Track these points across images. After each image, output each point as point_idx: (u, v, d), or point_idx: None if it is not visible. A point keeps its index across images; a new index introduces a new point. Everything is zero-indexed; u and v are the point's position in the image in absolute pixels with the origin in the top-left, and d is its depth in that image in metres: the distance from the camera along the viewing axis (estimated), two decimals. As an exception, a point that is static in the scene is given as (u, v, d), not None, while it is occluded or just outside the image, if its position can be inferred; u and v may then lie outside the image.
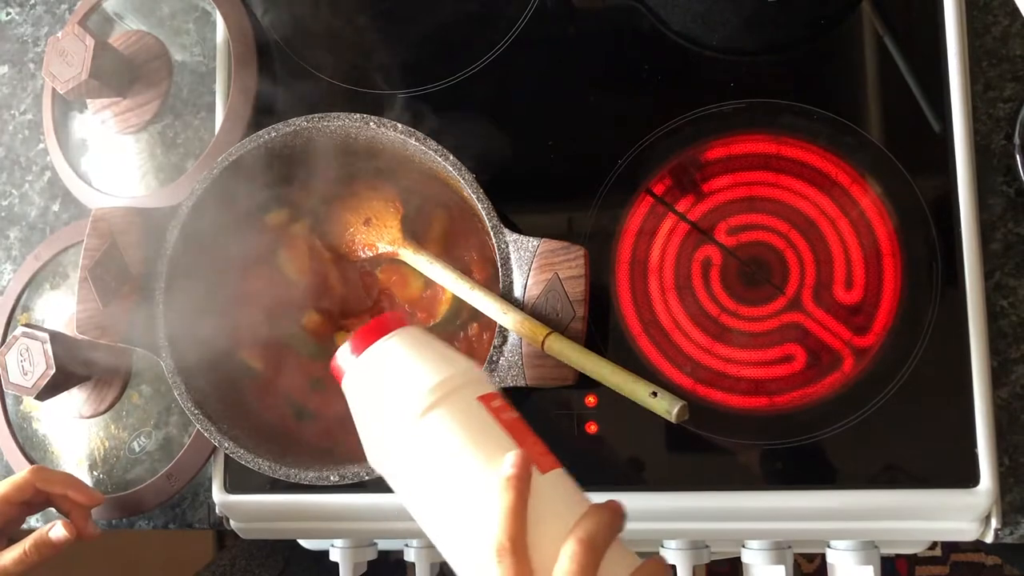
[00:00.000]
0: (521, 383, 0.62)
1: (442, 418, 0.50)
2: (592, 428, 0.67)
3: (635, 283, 0.68)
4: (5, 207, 0.87)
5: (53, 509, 0.69)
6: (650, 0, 0.73)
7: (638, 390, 0.58)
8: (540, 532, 0.47)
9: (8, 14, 0.91)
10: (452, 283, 0.66)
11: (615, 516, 0.48)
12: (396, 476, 0.52)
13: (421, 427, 0.50)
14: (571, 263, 0.62)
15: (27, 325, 0.73)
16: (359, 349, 0.53)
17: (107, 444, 0.77)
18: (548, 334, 0.60)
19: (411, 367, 0.52)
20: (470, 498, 0.49)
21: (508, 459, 0.48)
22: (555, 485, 0.50)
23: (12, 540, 0.67)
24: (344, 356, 0.53)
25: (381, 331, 0.53)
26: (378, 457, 0.52)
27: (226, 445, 0.66)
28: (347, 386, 0.54)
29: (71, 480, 0.68)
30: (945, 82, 0.66)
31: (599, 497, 0.66)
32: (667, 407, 0.56)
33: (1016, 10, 0.62)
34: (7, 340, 0.73)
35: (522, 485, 0.47)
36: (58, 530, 0.66)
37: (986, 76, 0.68)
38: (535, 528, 0.47)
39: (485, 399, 0.51)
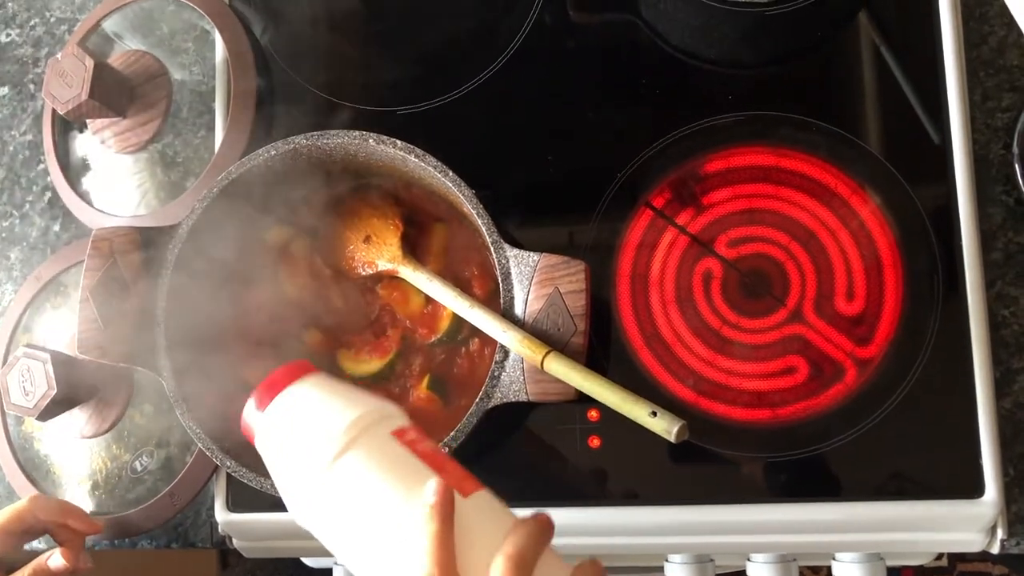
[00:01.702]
0: (523, 398, 0.62)
1: (356, 459, 0.49)
2: (595, 442, 0.67)
3: (636, 296, 0.68)
4: (6, 228, 0.87)
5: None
6: (647, 14, 0.74)
7: (637, 410, 0.57)
8: (469, 556, 0.47)
9: (8, 35, 0.91)
10: (452, 301, 0.66)
11: (542, 528, 0.48)
12: (319, 525, 0.51)
13: (336, 472, 0.49)
14: (572, 277, 0.62)
15: (28, 346, 0.73)
16: (263, 403, 0.52)
17: (109, 464, 0.77)
18: (547, 353, 0.60)
19: (318, 413, 0.51)
20: (395, 534, 0.48)
21: (428, 488, 0.47)
22: (479, 507, 0.49)
23: (10, 568, 0.66)
24: (251, 413, 0.52)
25: (284, 382, 0.52)
26: (299, 509, 0.51)
27: (228, 464, 0.66)
28: (259, 443, 0.52)
29: (69, 508, 0.67)
30: (943, 93, 0.67)
31: (600, 512, 0.66)
32: (666, 427, 0.56)
33: (1013, 20, 0.62)
34: (8, 360, 0.73)
35: (445, 511, 0.47)
36: (56, 559, 0.65)
37: (984, 86, 0.68)
38: (464, 553, 0.47)
39: (399, 433, 0.51)
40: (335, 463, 0.49)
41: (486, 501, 0.50)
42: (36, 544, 0.79)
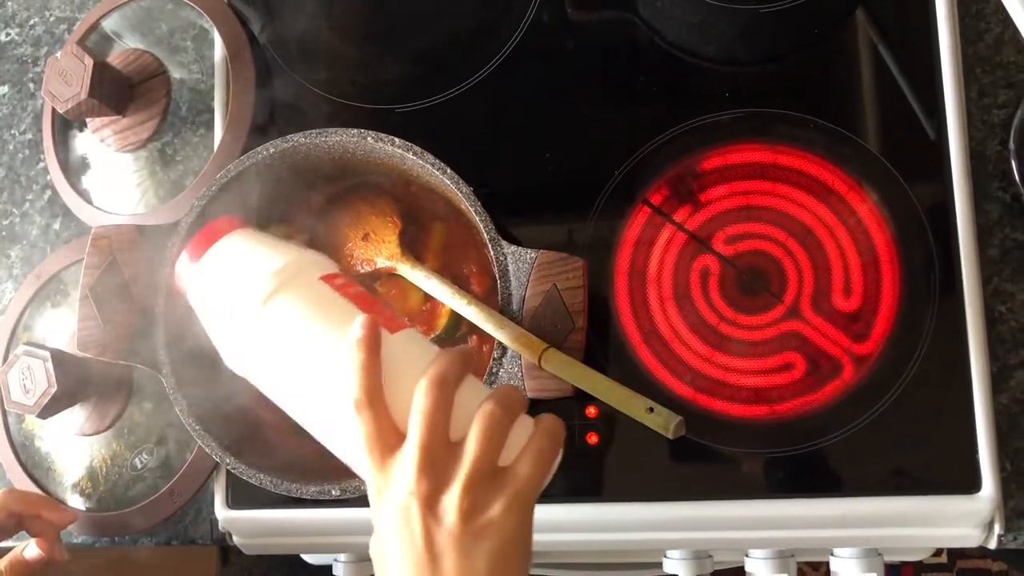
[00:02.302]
0: (521, 395, 0.62)
1: (287, 301, 0.52)
2: (593, 439, 0.67)
3: (634, 293, 0.69)
4: (6, 226, 0.87)
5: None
6: (645, 12, 0.74)
7: (634, 406, 0.58)
8: (397, 386, 0.49)
9: (8, 34, 0.92)
10: (449, 298, 0.66)
11: (461, 354, 0.50)
12: (253, 368, 0.53)
13: (267, 313, 0.51)
14: (569, 274, 0.62)
15: (28, 343, 0.73)
16: (197, 254, 0.54)
17: (109, 461, 0.77)
18: (545, 350, 0.60)
19: (250, 260, 0.54)
20: (326, 370, 0.50)
21: (355, 323, 0.50)
22: (406, 342, 0.52)
23: None
24: (184, 266, 0.55)
25: (216, 234, 0.55)
26: (233, 355, 0.53)
27: (227, 461, 0.66)
28: (192, 295, 0.55)
29: (43, 500, 0.68)
30: (939, 89, 0.67)
31: (598, 508, 0.66)
32: (663, 423, 0.56)
33: (1008, 16, 0.62)
34: (9, 359, 0.73)
35: (371, 344, 0.49)
36: (32, 549, 0.66)
37: (980, 83, 0.68)
38: (392, 384, 0.49)
39: (328, 278, 0.53)
40: (265, 305, 0.51)
41: (412, 337, 0.53)
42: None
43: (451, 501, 0.47)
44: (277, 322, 0.52)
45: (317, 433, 0.53)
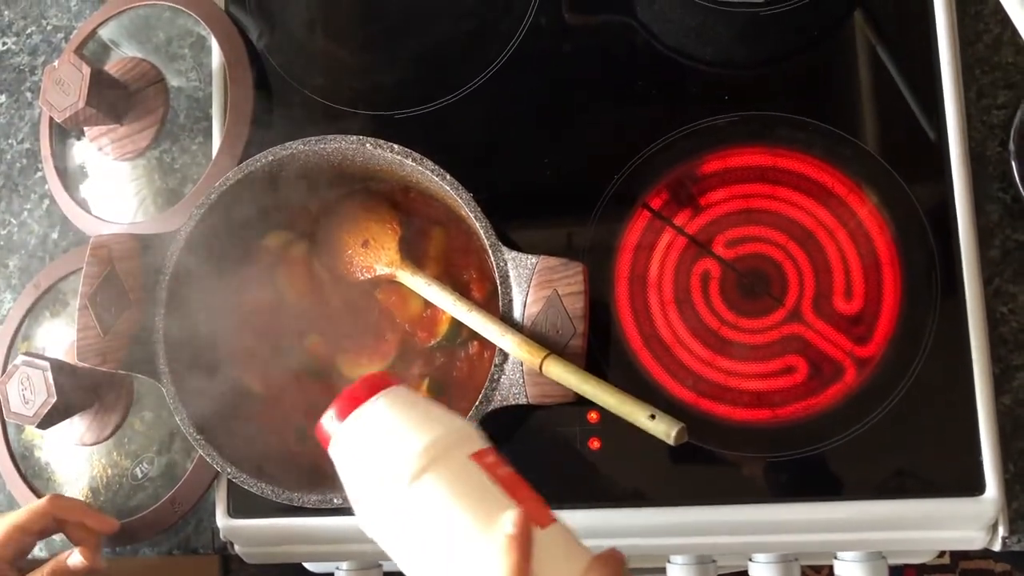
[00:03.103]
0: (523, 400, 0.62)
1: (434, 481, 0.48)
2: (595, 444, 0.67)
3: (635, 298, 0.68)
4: (4, 236, 0.87)
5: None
6: (643, 16, 0.74)
7: (636, 413, 0.57)
8: None
9: (4, 43, 0.92)
10: (450, 305, 0.66)
11: (619, 567, 0.48)
12: (390, 540, 0.50)
13: (413, 492, 0.48)
14: (570, 280, 0.62)
15: (27, 354, 0.73)
16: (343, 413, 0.51)
17: (110, 471, 0.77)
18: (546, 356, 0.60)
19: (398, 429, 0.50)
20: (470, 561, 0.47)
21: (507, 518, 0.47)
22: (555, 539, 0.49)
23: (21, 569, 0.66)
24: (329, 421, 0.52)
25: (365, 394, 0.52)
26: (370, 522, 0.51)
27: (228, 470, 0.66)
28: (334, 451, 0.52)
29: (86, 508, 0.68)
30: (938, 90, 0.67)
31: (601, 514, 0.66)
32: (665, 430, 0.56)
33: (1007, 17, 0.62)
34: (8, 369, 0.73)
35: (524, 544, 0.46)
36: (76, 557, 0.66)
37: (979, 83, 0.68)
38: None
39: (478, 456, 0.50)
40: (411, 484, 0.48)
41: (561, 533, 0.50)
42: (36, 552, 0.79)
43: None
44: (423, 502, 0.49)
45: None
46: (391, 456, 0.50)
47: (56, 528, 0.67)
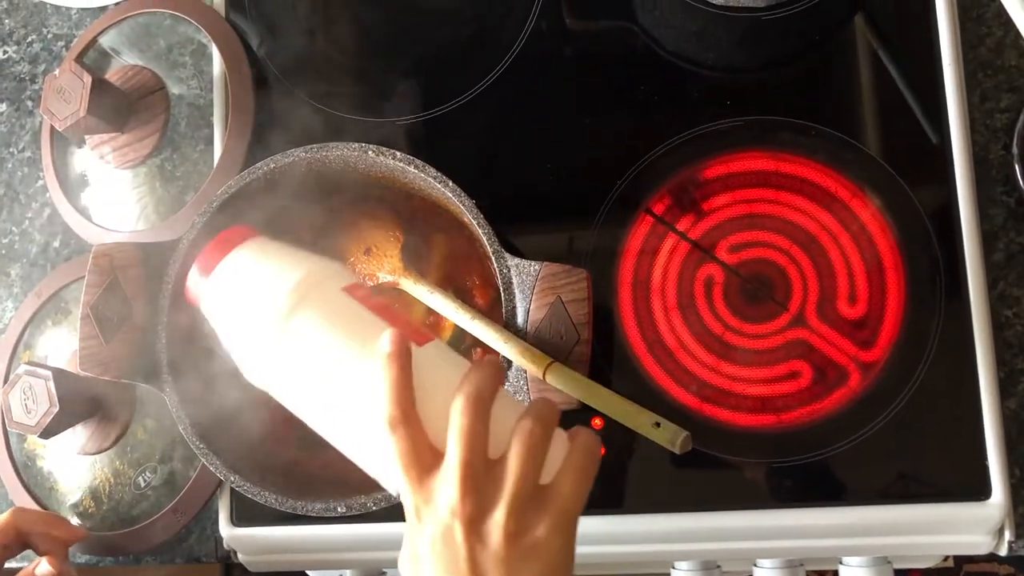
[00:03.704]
0: (527, 408, 0.62)
1: (309, 316, 0.50)
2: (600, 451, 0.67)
3: (638, 303, 0.68)
4: (5, 244, 0.87)
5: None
6: (644, 20, 0.74)
7: (640, 420, 0.57)
8: (428, 401, 0.48)
9: (5, 52, 0.91)
10: (453, 313, 0.66)
11: (495, 368, 0.49)
12: (276, 384, 0.51)
13: (290, 328, 0.50)
14: (573, 286, 0.62)
15: (30, 363, 0.73)
16: (208, 269, 0.52)
17: (112, 480, 0.77)
18: (549, 365, 0.60)
19: (266, 273, 0.52)
20: (354, 386, 0.49)
21: (384, 338, 0.48)
22: (434, 355, 0.50)
23: None
24: (195, 280, 0.53)
25: (228, 245, 0.53)
26: (253, 370, 0.52)
27: (232, 479, 0.66)
28: (206, 309, 0.53)
29: (51, 518, 0.68)
30: (941, 94, 0.67)
31: (606, 520, 0.66)
32: (670, 438, 0.56)
33: (1010, 20, 0.62)
34: (10, 378, 0.73)
35: (402, 359, 0.48)
36: (43, 567, 0.66)
37: (982, 87, 0.68)
38: (423, 400, 0.48)
39: (350, 289, 0.51)
40: (288, 322, 0.50)
41: (440, 350, 0.51)
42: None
43: (496, 523, 0.46)
44: (300, 338, 0.50)
45: (345, 449, 0.52)
46: (261, 299, 0.51)
47: (21, 542, 0.67)
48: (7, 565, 0.68)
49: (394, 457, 0.48)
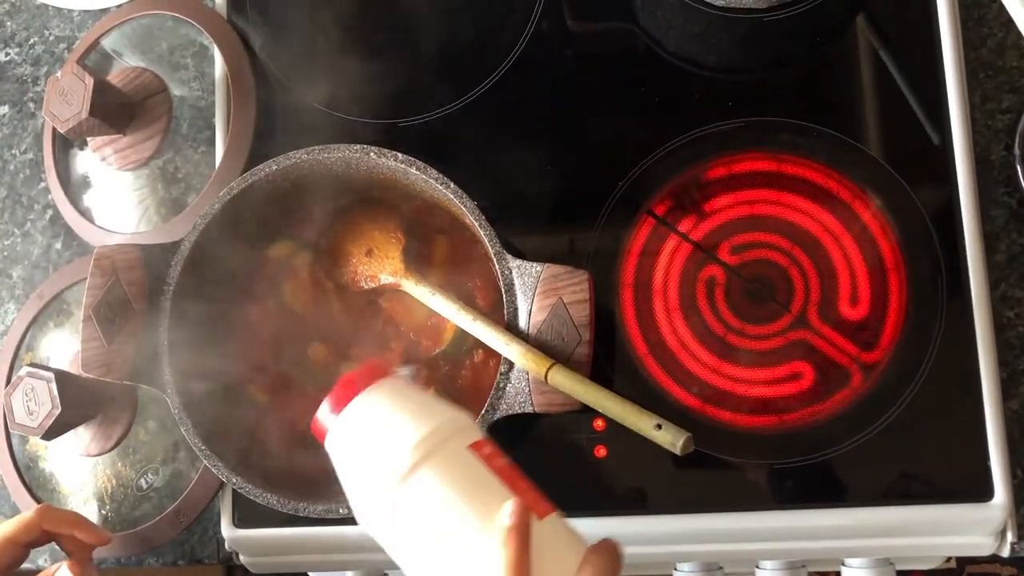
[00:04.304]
0: (529, 409, 0.62)
1: (431, 474, 0.48)
2: (601, 452, 0.67)
3: (640, 305, 0.68)
4: (8, 246, 0.87)
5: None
6: (646, 22, 0.74)
7: (642, 422, 0.57)
8: None
9: (7, 54, 0.92)
10: (454, 314, 0.66)
11: (614, 557, 0.48)
12: (388, 535, 0.50)
13: (410, 486, 0.48)
14: (575, 287, 0.62)
15: (32, 365, 0.73)
16: (338, 406, 0.51)
17: (114, 481, 0.77)
18: (551, 366, 0.60)
19: (393, 422, 0.50)
20: (469, 554, 0.47)
21: (506, 509, 0.47)
22: (553, 531, 0.49)
23: None
24: (324, 415, 0.51)
25: (359, 385, 0.51)
26: (367, 517, 0.50)
27: (234, 480, 0.66)
28: (330, 446, 0.51)
29: (78, 519, 0.67)
30: (943, 95, 0.67)
31: (607, 522, 0.66)
32: (672, 440, 0.56)
33: (1011, 21, 0.62)
34: (12, 380, 0.73)
35: (523, 535, 0.46)
36: (64, 572, 0.65)
37: (983, 88, 0.68)
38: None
39: (475, 447, 0.50)
40: (409, 477, 0.48)
41: (559, 524, 0.49)
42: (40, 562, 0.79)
43: None
44: (419, 497, 0.48)
45: None
46: (386, 449, 0.49)
47: (47, 539, 0.67)
48: (24, 565, 0.68)
49: None
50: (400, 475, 0.48)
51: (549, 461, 0.68)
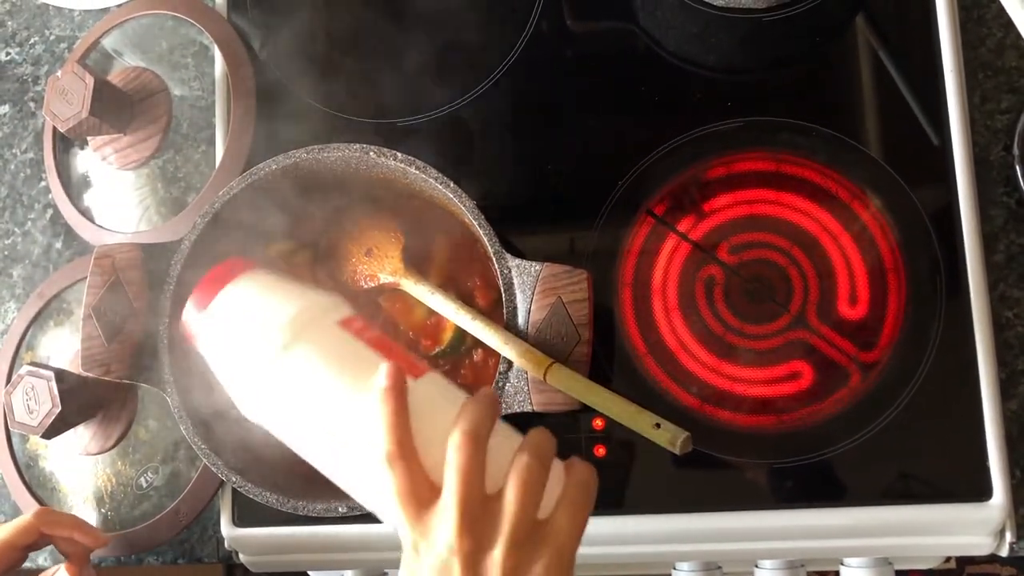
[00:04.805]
0: (528, 408, 0.62)
1: (304, 351, 0.50)
2: (600, 451, 0.67)
3: (639, 304, 0.68)
4: (8, 246, 0.87)
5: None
6: (645, 22, 0.74)
7: (641, 421, 0.57)
8: (425, 434, 0.48)
9: (8, 54, 0.92)
10: (453, 314, 0.66)
11: (491, 402, 0.50)
12: (272, 419, 0.51)
13: (286, 363, 0.49)
14: (574, 287, 0.62)
15: (32, 363, 0.73)
16: (203, 302, 0.52)
17: (114, 480, 0.77)
18: (550, 365, 0.60)
19: (262, 307, 0.51)
20: (351, 420, 0.49)
21: (380, 372, 0.48)
22: (431, 388, 0.50)
23: None
24: (191, 314, 0.52)
25: (224, 279, 0.52)
26: (249, 405, 0.51)
27: (233, 479, 0.66)
28: (201, 344, 0.52)
29: (76, 522, 0.67)
30: (942, 95, 0.67)
31: (606, 521, 0.66)
32: (670, 439, 0.56)
33: (1010, 21, 0.62)
34: (12, 379, 0.73)
35: (398, 393, 0.48)
36: (62, 574, 0.65)
37: (982, 88, 0.68)
38: (420, 432, 0.48)
39: (345, 323, 0.51)
40: (283, 357, 0.49)
41: (436, 382, 0.51)
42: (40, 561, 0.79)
43: (495, 560, 0.46)
44: (296, 373, 0.50)
45: (342, 483, 0.52)
46: (258, 334, 0.50)
47: (45, 542, 0.67)
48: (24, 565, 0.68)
49: (391, 492, 0.47)
50: (275, 354, 0.50)
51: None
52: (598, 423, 0.67)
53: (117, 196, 0.82)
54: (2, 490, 0.81)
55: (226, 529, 0.73)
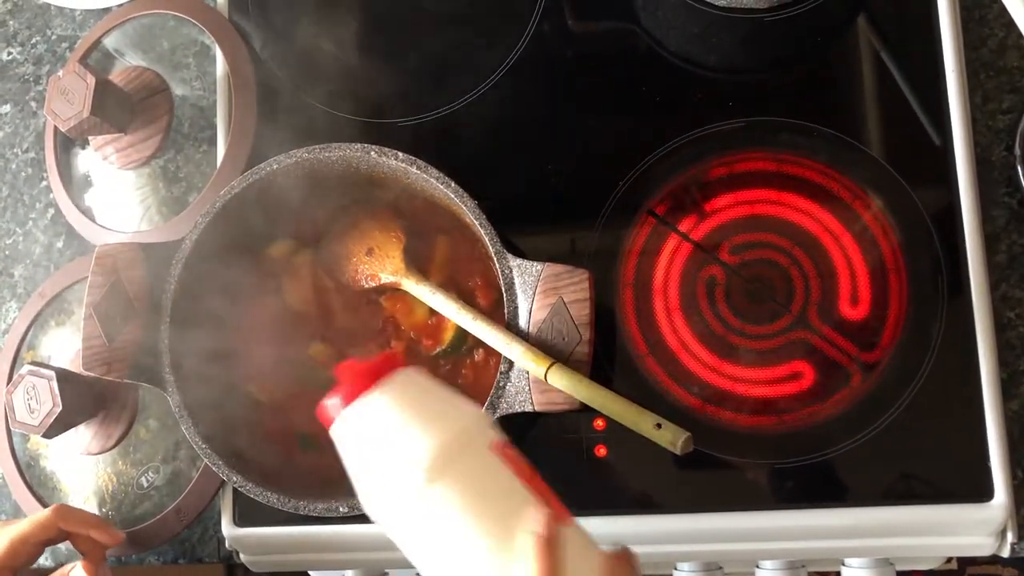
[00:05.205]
0: (529, 408, 0.62)
1: (456, 481, 0.47)
2: (601, 451, 0.67)
3: (640, 304, 0.68)
4: (9, 245, 0.87)
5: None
6: (647, 22, 0.74)
7: (642, 421, 0.57)
8: None
9: (9, 53, 0.92)
10: (454, 313, 0.66)
11: (632, 566, 0.49)
12: (405, 536, 0.48)
13: (433, 491, 0.46)
14: (575, 286, 0.62)
15: (33, 363, 0.73)
16: (348, 398, 0.49)
17: (115, 480, 0.77)
18: (551, 365, 0.60)
19: (413, 422, 0.48)
20: (494, 561, 0.46)
21: (536, 518, 0.46)
22: (574, 538, 0.48)
23: None
24: (335, 405, 0.49)
25: (373, 378, 0.49)
26: (383, 517, 0.48)
27: (234, 479, 0.66)
28: (339, 436, 0.49)
29: (94, 520, 0.67)
30: (943, 95, 0.67)
31: (607, 521, 0.66)
32: (671, 439, 0.56)
33: (1012, 21, 0.62)
34: (13, 378, 0.73)
35: (553, 547, 0.46)
36: (79, 572, 0.65)
37: (984, 88, 0.68)
38: None
39: (497, 448, 0.48)
40: (433, 484, 0.46)
41: (578, 533, 0.49)
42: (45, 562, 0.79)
43: None
44: (443, 502, 0.46)
45: None
46: (407, 453, 0.47)
47: (63, 538, 0.67)
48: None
49: None
50: (424, 481, 0.46)
51: (549, 460, 0.67)
52: (599, 423, 0.67)
53: (118, 196, 0.82)
54: (3, 489, 0.81)
55: (227, 529, 0.73)
